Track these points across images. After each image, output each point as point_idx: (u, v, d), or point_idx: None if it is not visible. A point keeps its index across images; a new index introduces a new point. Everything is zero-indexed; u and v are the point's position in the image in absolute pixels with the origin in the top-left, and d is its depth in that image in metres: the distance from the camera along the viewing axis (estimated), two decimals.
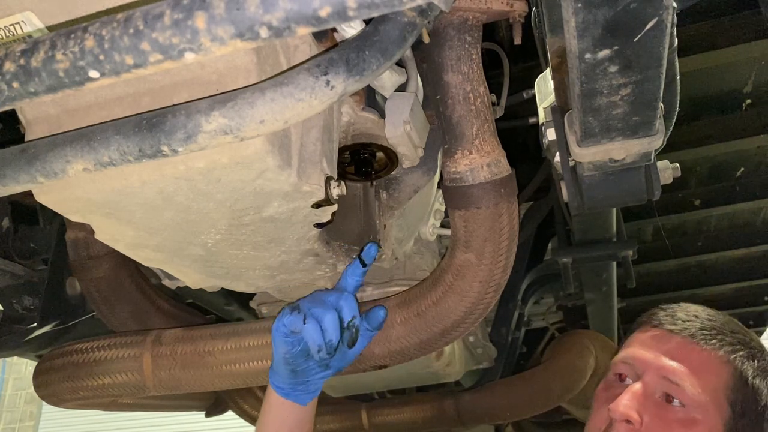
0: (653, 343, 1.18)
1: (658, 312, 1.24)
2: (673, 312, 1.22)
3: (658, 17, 0.71)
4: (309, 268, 1.33)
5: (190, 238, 1.14)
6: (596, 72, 0.80)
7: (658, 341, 1.18)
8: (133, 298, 1.61)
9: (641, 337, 1.21)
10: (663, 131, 0.99)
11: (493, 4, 1.12)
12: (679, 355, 1.14)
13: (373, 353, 1.33)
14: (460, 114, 1.16)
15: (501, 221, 1.22)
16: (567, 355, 2.50)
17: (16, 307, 1.71)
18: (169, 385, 1.43)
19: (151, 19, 0.64)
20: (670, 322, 1.19)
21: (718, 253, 3.17)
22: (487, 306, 1.30)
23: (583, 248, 2.29)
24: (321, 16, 0.62)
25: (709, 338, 1.16)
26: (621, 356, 1.21)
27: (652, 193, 1.17)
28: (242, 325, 1.45)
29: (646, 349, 1.17)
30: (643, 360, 1.16)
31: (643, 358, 1.16)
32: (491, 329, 2.53)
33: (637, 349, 1.18)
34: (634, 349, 1.19)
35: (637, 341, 1.21)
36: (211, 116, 0.74)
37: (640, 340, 1.20)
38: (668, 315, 1.22)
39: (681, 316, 1.20)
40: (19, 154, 0.81)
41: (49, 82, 0.68)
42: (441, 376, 2.05)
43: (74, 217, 1.07)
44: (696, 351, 1.15)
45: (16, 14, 0.90)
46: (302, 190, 1.02)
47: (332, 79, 0.72)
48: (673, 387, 1.12)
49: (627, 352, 1.20)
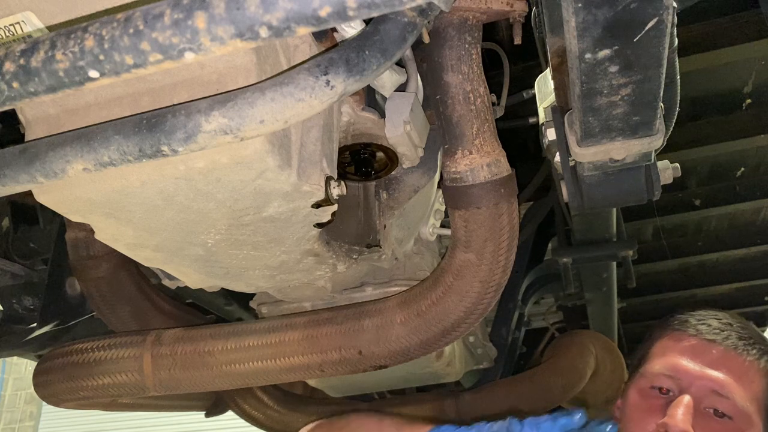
0: (695, 354, 1.15)
1: (688, 319, 1.22)
2: (704, 319, 1.20)
3: (658, 17, 0.71)
4: (309, 268, 1.33)
5: (190, 238, 1.14)
6: (596, 72, 0.80)
7: (700, 351, 1.15)
8: (133, 298, 1.61)
9: (676, 346, 1.18)
10: (663, 131, 0.99)
11: (493, 4, 1.12)
12: (724, 366, 1.13)
13: (373, 353, 1.33)
14: (460, 114, 1.16)
15: (501, 221, 1.22)
16: (567, 355, 2.49)
17: (16, 307, 1.71)
18: (169, 385, 1.43)
19: (151, 19, 0.64)
20: (709, 331, 1.17)
21: (718, 253, 3.17)
22: (487, 306, 1.30)
23: (583, 248, 2.29)
24: (321, 16, 0.62)
25: (750, 348, 1.15)
26: (660, 368, 1.17)
27: (652, 193, 1.17)
28: (242, 325, 1.45)
29: (689, 359, 1.15)
30: (688, 372, 1.14)
31: (688, 370, 1.14)
32: (491, 329, 2.53)
33: (678, 361, 1.16)
34: (674, 360, 1.16)
35: (674, 351, 1.18)
36: (211, 116, 0.74)
37: (678, 350, 1.17)
38: (702, 323, 1.19)
39: (716, 324, 1.19)
40: (19, 154, 0.81)
41: (49, 82, 0.68)
42: (441, 376, 2.05)
43: (74, 217, 1.07)
44: (739, 361, 1.14)
45: (16, 14, 0.90)
46: (302, 190, 1.02)
47: (332, 79, 0.72)
48: (723, 400, 1.11)
49: (667, 363, 1.17)
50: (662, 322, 1.27)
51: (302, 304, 1.61)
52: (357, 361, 1.33)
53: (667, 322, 1.26)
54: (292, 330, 1.37)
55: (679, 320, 1.24)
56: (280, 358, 1.36)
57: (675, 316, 1.25)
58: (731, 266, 3.31)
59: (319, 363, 1.35)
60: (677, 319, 1.24)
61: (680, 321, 1.23)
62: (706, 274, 3.35)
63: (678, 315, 1.25)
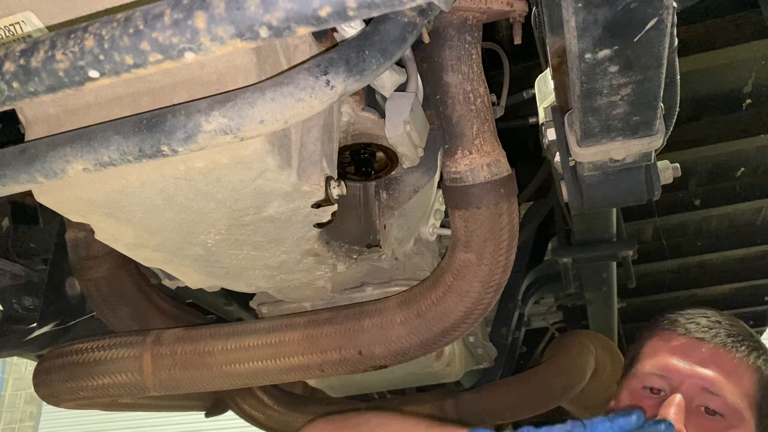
0: (685, 352, 1.16)
1: (677, 318, 1.22)
2: (693, 318, 1.20)
3: (658, 17, 0.71)
4: (309, 268, 1.33)
5: (190, 238, 1.14)
6: (596, 72, 0.80)
7: (690, 350, 1.16)
8: (133, 298, 1.61)
9: (666, 345, 1.19)
10: (663, 131, 0.99)
11: (493, 4, 1.12)
12: (713, 363, 1.13)
13: (373, 353, 1.33)
14: (460, 114, 1.16)
15: (501, 221, 1.22)
16: (567, 355, 2.49)
17: (16, 307, 1.71)
18: (169, 385, 1.43)
19: (151, 19, 0.64)
20: (698, 330, 1.18)
21: (718, 253, 3.17)
22: (487, 306, 1.30)
23: (583, 248, 2.28)
24: (321, 16, 0.62)
25: (738, 345, 1.15)
26: (651, 368, 1.18)
27: (652, 193, 1.17)
28: (242, 325, 1.45)
29: (679, 358, 1.15)
30: (679, 371, 1.14)
31: (679, 369, 1.14)
32: (491, 329, 2.53)
33: (669, 360, 1.16)
34: (664, 359, 1.17)
35: (664, 350, 1.18)
36: (210, 116, 0.74)
37: (668, 349, 1.18)
38: (691, 321, 1.20)
39: (704, 322, 1.19)
40: (19, 154, 0.81)
41: (49, 82, 0.68)
42: (441, 376, 2.05)
43: (74, 217, 1.07)
44: (728, 358, 1.14)
45: (16, 14, 0.90)
46: (302, 190, 1.02)
47: (332, 79, 0.72)
48: (714, 398, 1.11)
49: (658, 363, 1.17)
50: (652, 323, 1.28)
51: (302, 304, 1.61)
52: (357, 361, 1.33)
53: (656, 322, 1.26)
54: (292, 330, 1.37)
55: (668, 320, 1.24)
56: (280, 358, 1.36)
57: (665, 316, 1.26)
58: (731, 266, 3.31)
59: (319, 363, 1.36)
60: (667, 319, 1.25)
61: (670, 320, 1.24)
62: (706, 274, 3.35)
63: (667, 315, 1.26)
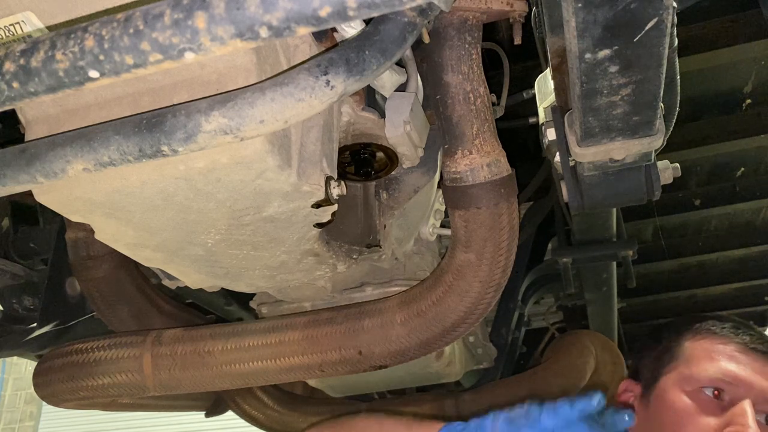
0: (745, 361, 1.17)
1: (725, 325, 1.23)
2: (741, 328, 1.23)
3: (658, 17, 0.71)
4: (309, 268, 1.33)
5: (190, 238, 1.14)
6: (596, 72, 0.80)
7: (751, 360, 1.18)
8: (133, 298, 1.61)
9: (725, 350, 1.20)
10: (663, 131, 0.99)
11: (493, 4, 1.12)
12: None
13: (373, 353, 1.33)
14: (460, 114, 1.16)
15: (501, 221, 1.22)
16: (567, 355, 2.49)
17: (16, 307, 1.71)
18: (169, 385, 1.43)
19: (151, 19, 0.64)
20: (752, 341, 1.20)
21: (718, 253, 3.17)
22: (487, 306, 1.30)
23: (583, 248, 2.28)
24: (321, 16, 0.62)
25: None
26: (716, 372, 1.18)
27: (652, 193, 1.17)
28: (242, 325, 1.45)
29: (742, 366, 1.17)
30: (741, 378, 1.16)
31: (743, 376, 1.16)
32: (491, 329, 2.53)
33: (732, 366, 1.17)
34: (727, 365, 1.18)
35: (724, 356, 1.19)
36: (211, 116, 0.74)
37: (727, 356, 1.19)
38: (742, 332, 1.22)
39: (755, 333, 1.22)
40: (19, 154, 0.81)
41: (49, 82, 0.68)
42: (441, 376, 2.05)
43: (74, 217, 1.07)
44: None
45: (16, 14, 0.90)
46: (302, 190, 1.02)
47: (332, 79, 0.72)
48: None
49: (722, 368, 1.18)
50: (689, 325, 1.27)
51: (302, 304, 1.61)
52: (357, 361, 1.33)
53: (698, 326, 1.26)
54: (292, 330, 1.37)
55: (716, 325, 1.24)
56: (280, 358, 1.36)
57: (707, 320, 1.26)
58: (731, 266, 3.32)
59: (319, 363, 1.35)
60: (713, 324, 1.25)
61: (718, 326, 1.24)
62: (706, 274, 3.35)
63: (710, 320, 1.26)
